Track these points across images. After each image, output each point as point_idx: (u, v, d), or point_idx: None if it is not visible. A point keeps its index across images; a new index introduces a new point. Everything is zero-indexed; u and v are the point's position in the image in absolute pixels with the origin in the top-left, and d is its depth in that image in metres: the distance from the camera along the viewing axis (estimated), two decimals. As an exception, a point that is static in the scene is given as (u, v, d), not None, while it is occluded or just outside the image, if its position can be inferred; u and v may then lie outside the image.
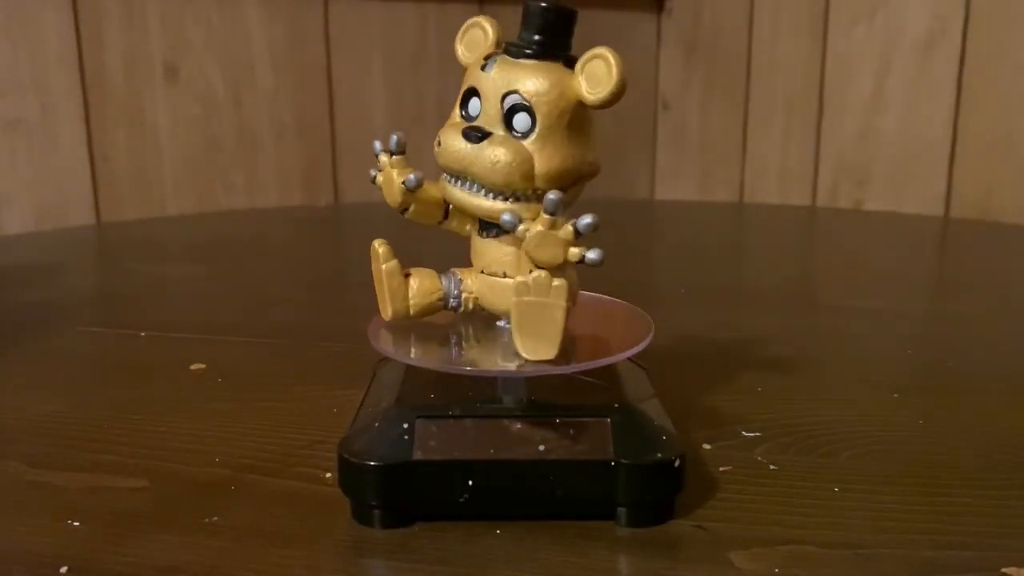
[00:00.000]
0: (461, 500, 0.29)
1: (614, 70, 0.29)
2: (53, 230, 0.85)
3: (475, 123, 0.31)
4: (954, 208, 0.96)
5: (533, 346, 0.30)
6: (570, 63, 0.30)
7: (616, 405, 0.30)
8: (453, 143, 0.30)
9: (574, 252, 0.29)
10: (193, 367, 0.46)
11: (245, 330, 0.52)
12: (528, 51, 0.30)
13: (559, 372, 0.31)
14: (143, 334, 0.52)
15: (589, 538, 0.29)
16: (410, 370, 0.33)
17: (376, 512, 0.29)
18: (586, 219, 0.29)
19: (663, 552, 0.28)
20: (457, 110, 0.32)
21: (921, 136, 0.97)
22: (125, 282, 0.67)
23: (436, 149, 0.31)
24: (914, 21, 0.95)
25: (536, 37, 0.30)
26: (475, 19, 0.32)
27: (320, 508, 0.31)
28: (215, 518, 0.30)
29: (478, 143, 0.30)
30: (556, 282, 0.29)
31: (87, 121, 0.87)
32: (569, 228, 0.29)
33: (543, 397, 0.31)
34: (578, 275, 0.32)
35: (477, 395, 0.31)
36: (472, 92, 0.31)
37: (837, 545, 0.29)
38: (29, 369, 0.46)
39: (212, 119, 0.93)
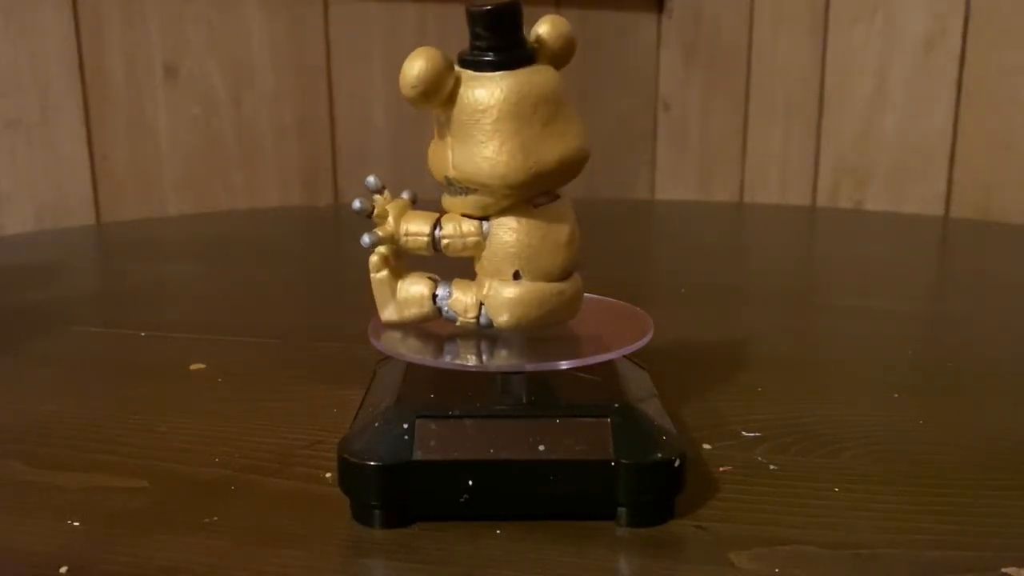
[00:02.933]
0: (461, 500, 0.29)
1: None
2: (53, 230, 0.85)
3: None
4: (954, 208, 0.96)
5: None
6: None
7: (616, 405, 0.30)
8: None
9: None
10: (193, 367, 0.46)
11: (245, 330, 0.52)
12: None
13: (558, 368, 0.31)
14: (143, 334, 0.52)
15: (589, 538, 0.29)
16: (410, 370, 0.33)
17: (376, 512, 0.29)
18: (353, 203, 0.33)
19: (663, 552, 0.28)
20: None
21: (921, 136, 0.97)
22: (125, 282, 0.67)
23: None
24: (914, 21, 0.95)
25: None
26: None
27: (320, 508, 0.31)
28: (215, 518, 0.30)
29: None
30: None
31: (87, 121, 0.87)
32: None
33: (543, 397, 0.31)
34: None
35: (477, 395, 0.31)
36: None
37: (837, 545, 0.29)
38: (29, 369, 0.46)
39: (212, 119, 0.93)
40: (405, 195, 0.34)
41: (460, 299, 0.32)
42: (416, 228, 0.32)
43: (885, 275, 0.72)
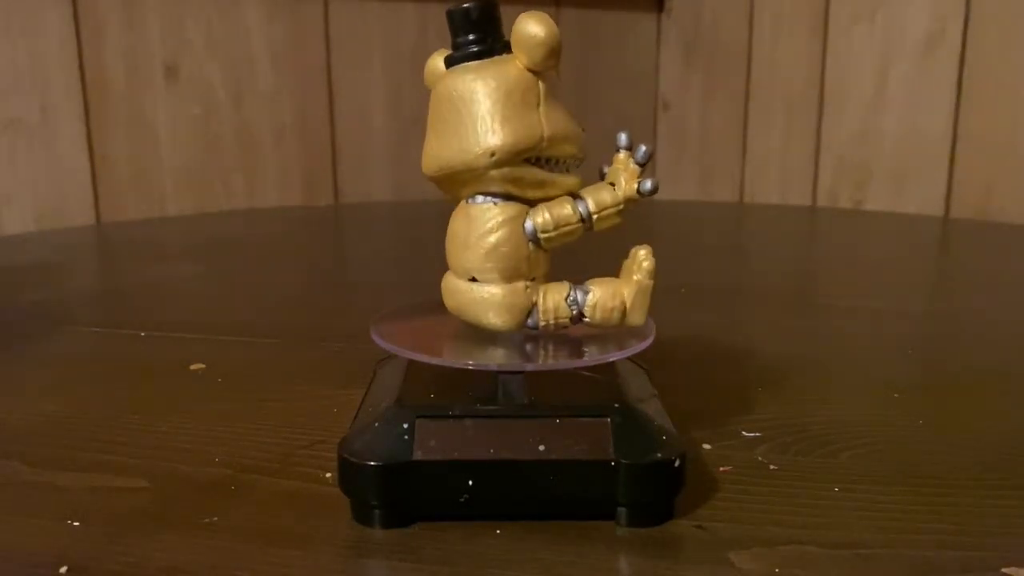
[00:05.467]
0: (461, 500, 0.29)
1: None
2: (53, 230, 0.85)
3: None
4: (954, 208, 0.96)
5: None
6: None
7: (616, 405, 0.30)
8: None
9: None
10: (193, 367, 0.46)
11: (245, 330, 0.52)
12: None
13: (559, 368, 0.31)
14: (143, 334, 0.52)
15: (589, 538, 0.29)
16: (410, 370, 0.33)
17: (376, 512, 0.29)
18: None
19: (663, 552, 0.28)
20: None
21: (921, 136, 0.97)
22: (125, 282, 0.67)
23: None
24: (914, 21, 0.95)
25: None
26: None
27: (320, 508, 0.31)
28: (215, 518, 0.30)
29: None
30: None
31: (87, 121, 0.87)
32: None
33: (543, 397, 0.31)
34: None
35: (477, 395, 0.31)
36: None
37: (837, 545, 0.29)
38: (29, 369, 0.46)
39: (212, 119, 0.93)
40: None
41: None
42: None
43: (885, 275, 0.72)
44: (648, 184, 0.32)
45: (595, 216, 0.32)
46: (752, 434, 0.37)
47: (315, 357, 0.48)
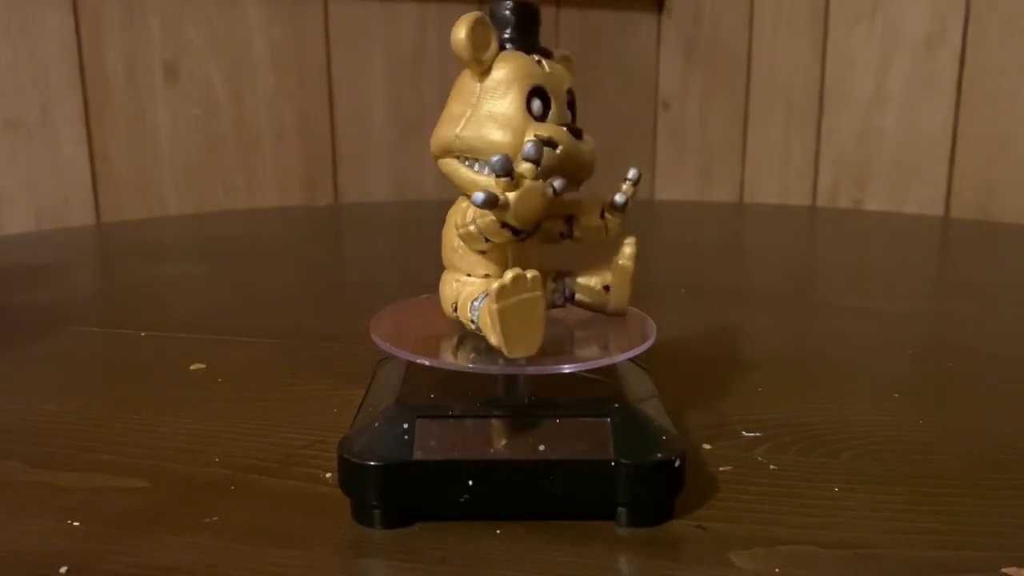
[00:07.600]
0: (461, 500, 0.29)
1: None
2: (53, 230, 0.85)
3: (549, 120, 0.31)
4: (954, 208, 0.96)
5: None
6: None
7: (616, 405, 0.30)
8: (573, 143, 0.30)
9: None
10: (193, 367, 0.46)
11: (245, 330, 0.52)
12: (543, 49, 0.32)
13: (560, 371, 0.31)
14: (143, 334, 0.52)
15: (589, 538, 0.29)
16: (410, 370, 0.33)
17: (376, 512, 0.29)
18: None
19: (663, 552, 0.28)
20: (523, 108, 0.30)
21: (921, 136, 0.97)
22: (125, 282, 0.67)
23: (552, 152, 0.29)
24: (914, 21, 0.95)
25: (534, 36, 0.32)
26: (478, 15, 0.30)
27: (320, 508, 0.31)
28: (215, 518, 0.30)
29: (580, 139, 0.31)
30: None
31: (87, 121, 0.87)
32: None
33: (543, 397, 0.31)
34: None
35: (477, 395, 0.31)
36: (538, 90, 0.31)
37: (837, 545, 0.29)
38: (29, 369, 0.46)
39: (212, 119, 0.93)
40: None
41: None
42: None
43: (885, 275, 0.72)
44: (474, 195, 0.28)
45: (476, 222, 0.29)
46: (752, 434, 0.37)
47: (315, 357, 0.48)
